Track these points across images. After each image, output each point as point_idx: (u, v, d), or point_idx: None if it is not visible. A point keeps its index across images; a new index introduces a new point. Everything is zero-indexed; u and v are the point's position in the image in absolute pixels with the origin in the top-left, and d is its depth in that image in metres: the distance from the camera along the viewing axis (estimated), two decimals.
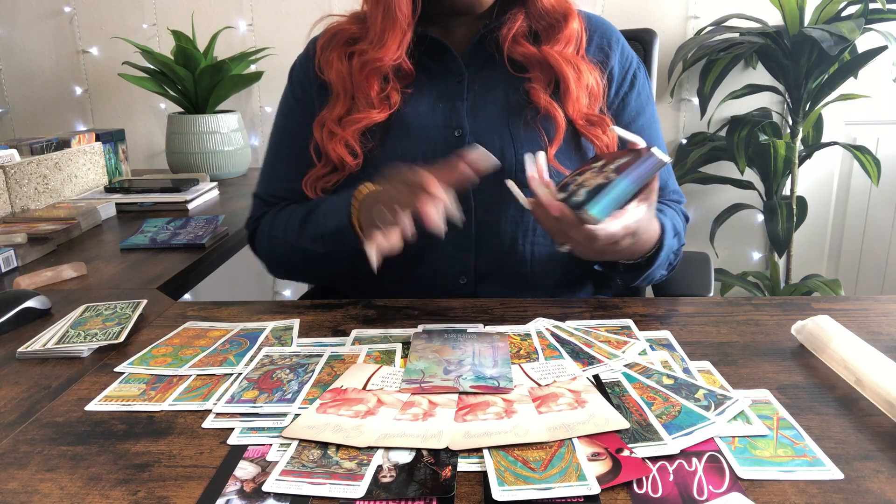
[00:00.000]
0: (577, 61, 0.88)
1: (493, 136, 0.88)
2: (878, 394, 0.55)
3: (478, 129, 0.89)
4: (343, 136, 0.89)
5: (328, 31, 0.97)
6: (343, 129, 0.89)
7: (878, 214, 2.11)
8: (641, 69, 0.96)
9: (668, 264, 0.86)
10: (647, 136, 0.93)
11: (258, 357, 0.66)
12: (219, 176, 1.76)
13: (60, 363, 0.67)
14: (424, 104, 0.91)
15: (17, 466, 0.50)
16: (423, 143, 0.89)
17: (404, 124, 0.91)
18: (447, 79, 0.92)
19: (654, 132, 0.96)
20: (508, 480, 0.46)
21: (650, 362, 0.63)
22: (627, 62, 0.94)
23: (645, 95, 0.95)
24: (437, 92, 0.92)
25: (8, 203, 1.29)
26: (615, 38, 0.94)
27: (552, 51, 0.87)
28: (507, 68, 0.89)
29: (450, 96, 0.91)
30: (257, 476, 0.48)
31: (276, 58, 2.06)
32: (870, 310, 0.75)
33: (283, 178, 0.97)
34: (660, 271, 0.85)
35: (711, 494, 0.44)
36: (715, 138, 1.98)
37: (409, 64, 0.91)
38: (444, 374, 0.61)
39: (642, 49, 1.25)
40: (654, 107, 0.97)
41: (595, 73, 0.89)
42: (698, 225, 2.13)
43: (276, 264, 0.96)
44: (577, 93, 0.86)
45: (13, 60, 2.17)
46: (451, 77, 0.92)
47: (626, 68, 0.93)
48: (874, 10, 1.71)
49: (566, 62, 0.87)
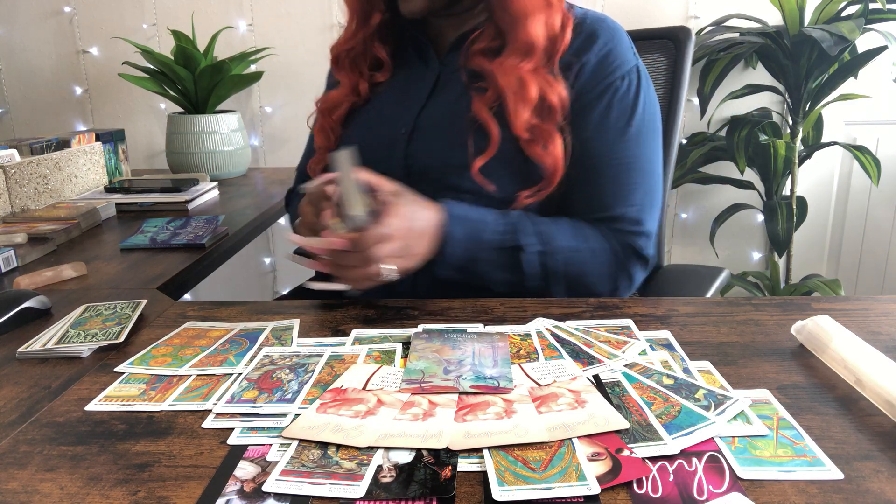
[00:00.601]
0: (521, 73, 0.83)
1: (433, 138, 0.89)
2: (878, 394, 0.55)
3: (422, 128, 0.90)
4: (321, 121, 0.99)
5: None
6: (321, 113, 1.00)
7: (878, 214, 2.12)
8: (629, 83, 0.86)
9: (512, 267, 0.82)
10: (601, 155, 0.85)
11: (258, 357, 0.66)
12: (219, 176, 1.76)
13: (60, 363, 0.67)
14: (391, 99, 0.95)
15: (17, 466, 0.50)
16: (376, 136, 0.93)
17: (367, 117, 0.97)
18: (423, 76, 0.94)
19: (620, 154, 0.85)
20: (508, 480, 0.46)
21: (650, 362, 0.63)
22: (609, 69, 0.86)
23: (619, 111, 0.86)
24: (407, 87, 0.95)
25: (8, 203, 1.29)
26: (603, 40, 0.87)
27: (500, 65, 0.85)
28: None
29: (416, 94, 0.93)
30: (257, 476, 0.48)
31: (276, 58, 2.07)
32: (870, 310, 0.75)
33: (306, 156, 1.10)
34: (494, 270, 0.82)
35: (711, 494, 0.44)
36: (715, 138, 1.98)
37: (383, 55, 0.96)
38: (444, 374, 0.61)
39: (674, 48, 1.17)
40: (636, 128, 0.86)
41: (554, 84, 0.84)
42: (698, 225, 2.13)
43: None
44: (517, 109, 0.83)
45: (13, 60, 2.17)
46: (429, 74, 0.94)
47: (603, 75, 0.86)
48: (874, 10, 1.71)
49: (508, 76, 0.83)
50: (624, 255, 0.86)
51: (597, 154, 0.86)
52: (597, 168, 0.86)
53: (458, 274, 0.82)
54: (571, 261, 0.83)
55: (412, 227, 0.76)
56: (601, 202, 0.86)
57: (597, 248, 0.85)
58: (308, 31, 2.07)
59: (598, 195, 0.87)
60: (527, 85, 0.83)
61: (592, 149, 0.86)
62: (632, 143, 0.86)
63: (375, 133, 0.94)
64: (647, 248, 0.87)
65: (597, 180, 0.87)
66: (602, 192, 0.86)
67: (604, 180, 0.86)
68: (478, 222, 0.81)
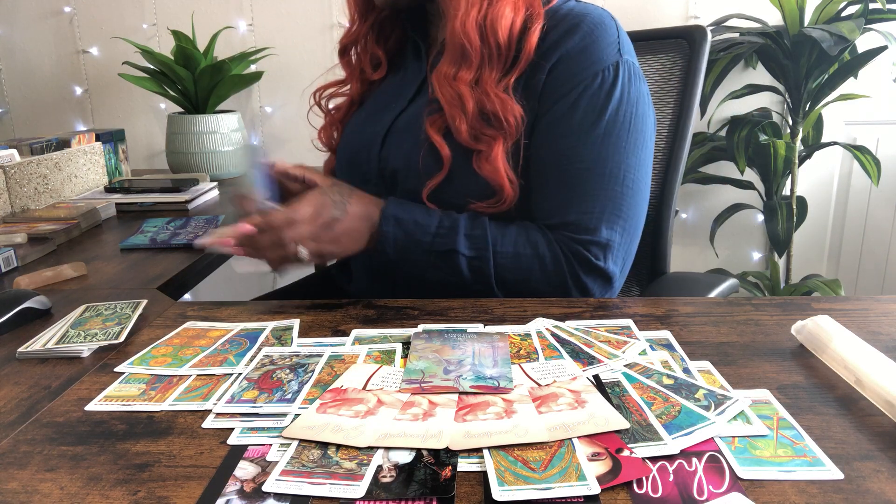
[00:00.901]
0: (461, 88, 0.80)
1: (402, 143, 0.89)
2: (878, 394, 0.55)
3: (396, 131, 0.91)
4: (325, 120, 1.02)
5: None
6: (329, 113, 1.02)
7: (878, 214, 2.12)
8: (601, 82, 0.79)
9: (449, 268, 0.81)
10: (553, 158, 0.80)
11: (258, 357, 0.66)
12: (219, 176, 1.76)
13: (60, 363, 0.67)
14: (381, 100, 0.96)
15: (17, 466, 0.50)
16: (360, 137, 0.95)
17: (359, 117, 0.98)
18: (414, 79, 0.95)
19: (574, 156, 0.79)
20: (508, 480, 0.46)
21: (650, 362, 0.63)
22: (580, 66, 0.80)
23: (582, 113, 0.79)
24: (396, 89, 0.96)
25: (8, 203, 1.29)
26: (580, 36, 0.80)
27: (438, 74, 0.83)
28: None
29: (402, 96, 0.93)
30: (257, 476, 0.48)
31: (276, 58, 2.07)
32: (870, 310, 0.75)
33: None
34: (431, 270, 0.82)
35: (711, 494, 0.44)
36: (715, 138, 1.98)
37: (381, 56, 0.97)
38: (444, 374, 0.61)
39: (689, 48, 1.14)
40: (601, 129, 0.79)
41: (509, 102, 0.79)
42: (698, 225, 2.13)
43: None
44: (454, 120, 0.80)
45: (13, 60, 2.17)
46: (418, 77, 0.94)
47: (570, 73, 0.80)
48: (874, 10, 1.71)
49: (443, 87, 0.81)
50: (570, 264, 0.79)
51: (553, 155, 0.81)
52: (552, 171, 0.81)
53: (394, 268, 0.84)
54: (511, 266, 0.80)
55: (321, 213, 0.78)
56: (553, 207, 0.81)
57: (542, 254, 0.80)
58: (308, 31, 2.07)
59: (550, 199, 0.82)
60: (464, 100, 0.80)
61: (549, 150, 0.81)
62: (596, 144, 0.79)
63: (360, 134, 0.95)
64: (602, 259, 0.79)
65: (551, 184, 0.81)
66: (555, 196, 0.81)
67: (558, 184, 0.81)
68: (414, 224, 0.81)
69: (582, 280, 0.80)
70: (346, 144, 0.98)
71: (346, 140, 0.98)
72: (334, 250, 0.81)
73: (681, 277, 1.16)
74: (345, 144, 0.99)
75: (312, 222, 0.78)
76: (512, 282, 0.82)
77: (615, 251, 0.80)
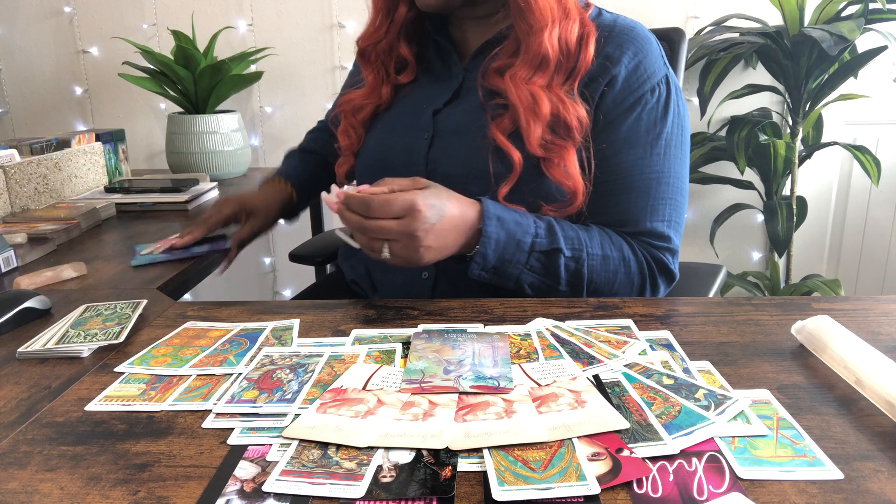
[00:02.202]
0: (535, 90, 0.82)
1: (455, 146, 0.88)
2: (878, 394, 0.55)
3: (443, 134, 0.89)
4: (343, 121, 0.99)
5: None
6: (345, 115, 0.99)
7: (878, 214, 2.12)
8: (658, 96, 0.85)
9: (545, 270, 0.81)
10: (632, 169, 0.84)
11: (258, 357, 0.66)
12: (219, 176, 1.76)
13: (60, 363, 0.67)
14: (413, 103, 0.93)
15: (17, 466, 0.50)
16: (398, 141, 0.92)
17: (389, 120, 0.94)
18: (448, 82, 0.92)
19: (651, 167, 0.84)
20: (508, 480, 0.46)
21: (650, 362, 0.63)
22: (638, 81, 0.84)
23: (648, 123, 0.84)
24: (430, 92, 0.93)
25: (8, 203, 1.29)
26: (633, 51, 0.85)
27: (513, 77, 0.83)
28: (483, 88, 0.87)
29: (437, 99, 0.91)
30: (257, 476, 0.48)
31: (276, 58, 2.07)
32: (870, 310, 0.75)
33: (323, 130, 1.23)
34: (525, 272, 0.80)
35: (711, 494, 0.44)
36: (715, 138, 1.98)
37: (409, 59, 0.92)
38: (444, 374, 0.61)
39: (668, 50, 1.15)
40: (666, 141, 0.85)
41: (576, 106, 0.82)
42: (698, 225, 2.13)
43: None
44: (529, 125, 0.81)
45: (13, 60, 2.18)
46: (453, 80, 0.92)
47: (631, 88, 0.84)
48: (874, 10, 1.71)
49: (520, 90, 0.82)
50: (650, 269, 0.85)
51: (626, 168, 0.85)
52: (626, 182, 0.85)
53: (490, 275, 0.80)
54: (599, 268, 0.83)
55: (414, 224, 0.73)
56: (631, 216, 0.85)
57: (628, 258, 0.84)
58: (308, 31, 2.07)
59: (627, 209, 0.85)
60: (539, 101, 0.81)
61: (622, 163, 0.85)
62: (661, 156, 0.85)
63: (397, 137, 0.92)
64: (673, 265, 0.87)
65: (626, 195, 0.85)
66: (632, 206, 0.85)
67: (633, 195, 0.85)
68: (515, 223, 0.79)
69: (658, 283, 0.86)
70: (375, 148, 0.95)
71: (375, 143, 0.95)
72: (424, 257, 0.75)
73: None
74: (374, 148, 0.95)
75: (402, 227, 0.72)
76: (598, 283, 0.84)
77: (678, 254, 0.89)
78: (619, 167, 0.85)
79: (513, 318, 0.75)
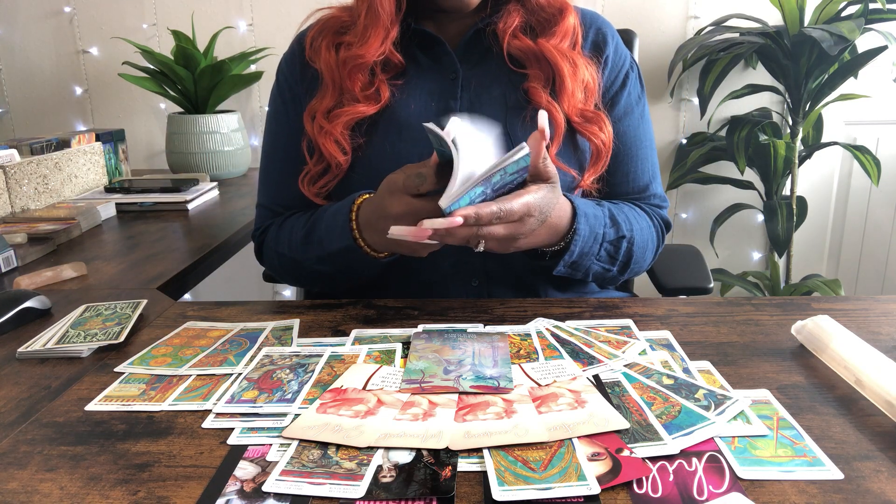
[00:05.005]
0: (573, 56, 0.87)
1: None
2: (878, 394, 0.55)
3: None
4: (332, 132, 0.86)
5: (320, 20, 0.96)
6: (331, 122, 0.87)
7: (878, 214, 2.12)
8: (634, 68, 0.95)
9: (609, 257, 0.83)
10: (633, 138, 0.92)
11: (258, 357, 0.66)
12: (219, 176, 1.76)
13: (60, 363, 0.67)
14: (416, 102, 0.89)
15: (17, 466, 0.50)
16: (414, 144, 0.86)
17: (394, 122, 0.89)
18: (440, 75, 0.90)
19: (642, 133, 0.94)
20: (508, 480, 0.46)
21: (650, 362, 0.63)
22: (621, 60, 0.93)
23: (635, 96, 0.94)
24: (429, 89, 0.90)
25: (8, 203, 1.29)
26: (610, 34, 0.94)
27: (548, 44, 0.86)
28: (505, 64, 0.87)
29: (443, 94, 0.89)
30: (257, 476, 0.48)
31: (276, 58, 2.06)
32: (870, 310, 0.75)
33: (283, 185, 0.94)
34: (594, 262, 0.82)
35: (711, 494, 0.44)
36: (715, 138, 1.98)
37: (398, 57, 0.89)
38: (444, 374, 0.61)
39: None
40: (645, 107, 0.96)
41: (591, 67, 0.88)
42: (698, 225, 2.13)
43: (287, 278, 0.95)
44: (573, 88, 0.85)
45: (13, 60, 2.17)
46: (445, 73, 0.90)
47: (619, 66, 0.93)
48: (874, 10, 1.71)
49: (562, 56, 0.86)
50: (661, 230, 0.93)
51: (630, 136, 0.92)
52: (632, 150, 0.92)
53: (570, 270, 0.82)
54: (640, 243, 0.87)
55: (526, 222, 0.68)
56: (641, 182, 0.93)
57: (653, 227, 0.91)
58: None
59: (637, 175, 0.93)
60: (579, 65, 0.87)
61: (627, 131, 0.92)
62: (647, 123, 0.95)
63: (415, 141, 0.87)
64: (668, 218, 0.96)
65: (634, 161, 0.93)
66: (640, 171, 0.93)
67: (638, 161, 0.93)
68: (594, 217, 0.81)
69: (663, 240, 0.94)
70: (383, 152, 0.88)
71: (390, 147, 0.88)
72: (513, 250, 0.73)
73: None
74: (382, 152, 0.88)
75: (513, 228, 0.68)
76: (638, 258, 0.87)
77: None
78: (625, 136, 0.92)
79: (513, 318, 0.75)
